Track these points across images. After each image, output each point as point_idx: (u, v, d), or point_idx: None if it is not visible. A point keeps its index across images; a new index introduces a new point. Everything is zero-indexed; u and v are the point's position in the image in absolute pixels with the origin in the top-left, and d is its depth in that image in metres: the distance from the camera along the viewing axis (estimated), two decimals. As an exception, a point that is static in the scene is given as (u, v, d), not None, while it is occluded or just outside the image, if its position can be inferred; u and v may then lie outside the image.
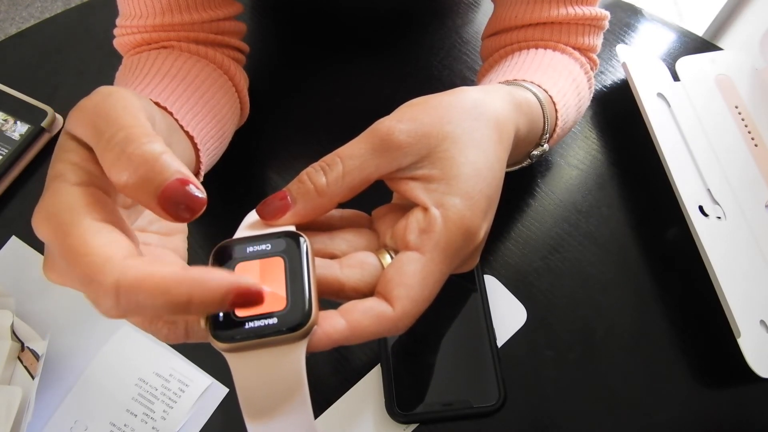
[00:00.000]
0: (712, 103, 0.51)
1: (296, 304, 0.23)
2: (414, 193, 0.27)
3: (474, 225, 0.27)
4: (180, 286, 0.19)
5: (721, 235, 0.44)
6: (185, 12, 0.42)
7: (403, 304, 0.25)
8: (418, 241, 0.26)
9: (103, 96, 0.23)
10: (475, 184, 0.27)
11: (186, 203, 0.21)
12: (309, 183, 0.27)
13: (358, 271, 0.26)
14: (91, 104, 0.23)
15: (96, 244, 0.20)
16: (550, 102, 0.39)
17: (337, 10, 0.60)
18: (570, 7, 0.43)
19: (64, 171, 0.23)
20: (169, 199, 0.21)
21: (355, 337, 0.24)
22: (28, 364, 0.42)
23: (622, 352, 0.43)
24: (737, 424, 0.41)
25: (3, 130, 0.51)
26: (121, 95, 0.23)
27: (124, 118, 0.22)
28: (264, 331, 0.23)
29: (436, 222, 0.26)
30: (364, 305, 0.25)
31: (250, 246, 0.25)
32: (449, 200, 0.27)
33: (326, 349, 0.24)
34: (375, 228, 0.30)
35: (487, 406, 0.40)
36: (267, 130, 0.53)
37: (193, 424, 0.41)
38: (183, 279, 0.20)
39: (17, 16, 1.57)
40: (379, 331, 0.25)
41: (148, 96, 0.35)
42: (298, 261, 0.25)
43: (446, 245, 0.26)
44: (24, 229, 0.48)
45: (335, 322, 0.24)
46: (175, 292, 0.19)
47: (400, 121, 0.28)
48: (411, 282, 0.25)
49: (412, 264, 0.26)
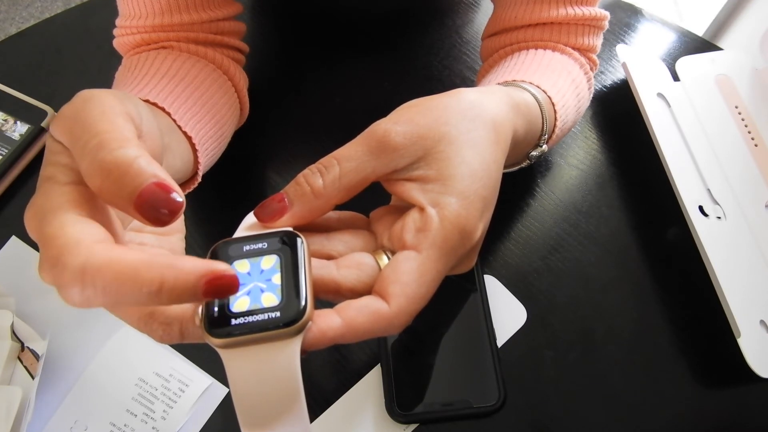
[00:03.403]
0: (712, 103, 0.51)
1: (291, 300, 0.23)
2: (410, 194, 0.28)
3: (470, 224, 0.27)
4: (150, 270, 0.19)
5: (721, 235, 0.44)
6: (185, 12, 0.42)
7: (399, 302, 0.25)
8: (414, 240, 0.26)
9: (83, 101, 0.23)
10: (470, 184, 0.27)
11: (163, 206, 0.21)
12: (306, 185, 0.27)
13: (355, 272, 0.27)
14: (71, 110, 0.23)
15: (69, 231, 0.20)
16: (548, 103, 0.39)
17: (337, 10, 0.60)
18: (569, 8, 0.43)
19: (54, 173, 0.23)
20: (146, 203, 0.21)
21: (351, 335, 0.24)
22: (28, 364, 0.42)
23: (622, 352, 0.43)
24: (737, 424, 0.41)
25: (3, 130, 0.51)
26: (99, 100, 0.23)
27: (100, 124, 0.22)
28: (258, 326, 0.23)
29: (432, 221, 0.26)
30: (360, 303, 0.25)
31: (247, 245, 0.25)
32: (445, 200, 0.27)
33: (322, 347, 0.24)
34: (373, 230, 0.30)
35: (487, 406, 0.40)
36: (267, 130, 0.53)
37: (193, 424, 0.41)
38: (153, 263, 0.19)
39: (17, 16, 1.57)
40: (375, 329, 0.25)
41: (146, 97, 0.35)
42: (294, 259, 0.25)
43: (442, 244, 0.26)
44: (24, 229, 0.48)
45: (331, 320, 0.24)
46: (146, 276, 0.19)
47: (397, 123, 0.28)
48: (407, 280, 0.25)
49: (408, 262, 0.26)
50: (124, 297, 0.19)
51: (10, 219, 0.49)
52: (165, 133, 0.32)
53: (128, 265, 0.19)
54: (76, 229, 0.20)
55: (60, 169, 0.23)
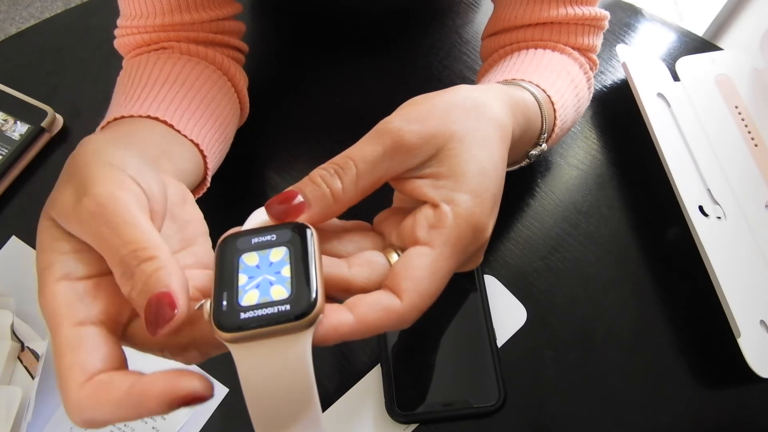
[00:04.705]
0: (712, 103, 0.51)
1: (301, 293, 0.23)
2: (422, 191, 0.27)
3: (482, 222, 0.27)
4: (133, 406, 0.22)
5: (721, 235, 0.44)
6: (185, 12, 0.43)
7: (411, 297, 0.25)
8: (427, 236, 0.26)
9: (99, 204, 0.24)
10: (482, 181, 0.27)
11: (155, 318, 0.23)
12: (324, 186, 0.27)
13: (366, 270, 0.26)
14: (87, 212, 0.24)
15: (66, 364, 0.23)
16: (548, 102, 0.39)
17: (337, 10, 0.60)
18: (569, 8, 0.43)
19: (52, 261, 0.25)
20: (147, 314, 0.23)
21: (363, 331, 0.24)
22: (28, 364, 0.42)
23: (622, 352, 0.43)
24: (737, 424, 0.41)
25: (3, 130, 0.51)
26: (118, 204, 0.24)
27: (128, 233, 0.24)
28: (268, 319, 0.22)
29: (446, 218, 0.26)
30: (372, 298, 0.25)
31: (255, 237, 0.25)
32: (459, 197, 0.27)
33: (334, 343, 0.24)
34: (379, 231, 0.30)
35: (487, 406, 0.40)
36: (267, 130, 0.53)
37: (193, 424, 0.41)
38: (128, 401, 0.22)
39: (17, 16, 1.57)
40: (387, 324, 0.25)
41: (147, 112, 0.36)
42: (303, 251, 0.24)
43: (456, 241, 0.26)
44: (24, 229, 0.48)
45: (342, 316, 0.24)
46: (123, 414, 0.22)
47: (409, 121, 0.28)
48: (420, 275, 0.25)
49: (421, 258, 0.26)
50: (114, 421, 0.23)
51: (10, 219, 0.49)
52: (166, 145, 0.34)
53: (112, 412, 0.22)
54: (71, 361, 0.23)
55: (59, 258, 0.25)
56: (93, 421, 0.23)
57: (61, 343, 0.23)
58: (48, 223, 0.26)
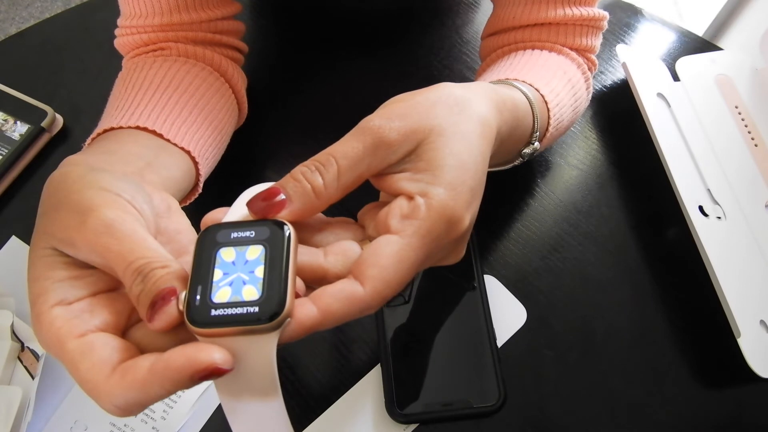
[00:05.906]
0: (712, 103, 0.51)
1: (271, 296, 0.24)
2: (399, 185, 0.28)
3: (456, 214, 0.27)
4: (157, 385, 0.23)
5: (721, 235, 0.44)
6: (185, 12, 0.43)
7: (375, 285, 0.25)
8: (399, 225, 0.26)
9: (107, 225, 0.25)
10: (459, 175, 0.27)
11: (154, 305, 0.24)
12: (305, 183, 0.27)
13: (341, 258, 0.27)
14: (95, 230, 0.25)
15: (85, 370, 0.23)
16: (541, 101, 0.39)
17: (337, 10, 0.60)
18: (568, 8, 0.43)
19: (46, 288, 0.25)
20: (150, 305, 0.24)
21: (328, 322, 0.25)
22: (28, 364, 0.42)
23: (622, 352, 0.43)
24: (737, 424, 0.41)
25: (3, 130, 0.51)
26: (125, 224, 0.25)
27: (141, 249, 0.25)
28: (237, 320, 0.23)
29: (419, 209, 0.26)
30: (335, 288, 0.25)
31: (235, 231, 0.25)
32: (434, 190, 0.27)
33: (300, 337, 0.24)
34: (361, 224, 0.30)
35: (487, 406, 0.40)
36: (267, 130, 0.53)
37: (193, 424, 0.41)
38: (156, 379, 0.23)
39: (17, 16, 1.57)
40: (351, 312, 0.25)
41: (137, 121, 0.36)
42: (279, 251, 0.25)
43: (427, 232, 0.26)
44: (24, 229, 0.48)
45: (307, 310, 0.24)
46: (151, 391, 0.23)
47: (390, 119, 0.28)
48: (385, 263, 0.25)
49: (389, 246, 0.26)
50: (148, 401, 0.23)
51: (10, 219, 0.49)
52: (153, 154, 0.35)
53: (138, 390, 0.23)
54: (89, 363, 0.24)
55: (52, 286, 0.25)
56: (125, 406, 0.23)
57: (72, 358, 0.24)
58: (45, 252, 0.26)
